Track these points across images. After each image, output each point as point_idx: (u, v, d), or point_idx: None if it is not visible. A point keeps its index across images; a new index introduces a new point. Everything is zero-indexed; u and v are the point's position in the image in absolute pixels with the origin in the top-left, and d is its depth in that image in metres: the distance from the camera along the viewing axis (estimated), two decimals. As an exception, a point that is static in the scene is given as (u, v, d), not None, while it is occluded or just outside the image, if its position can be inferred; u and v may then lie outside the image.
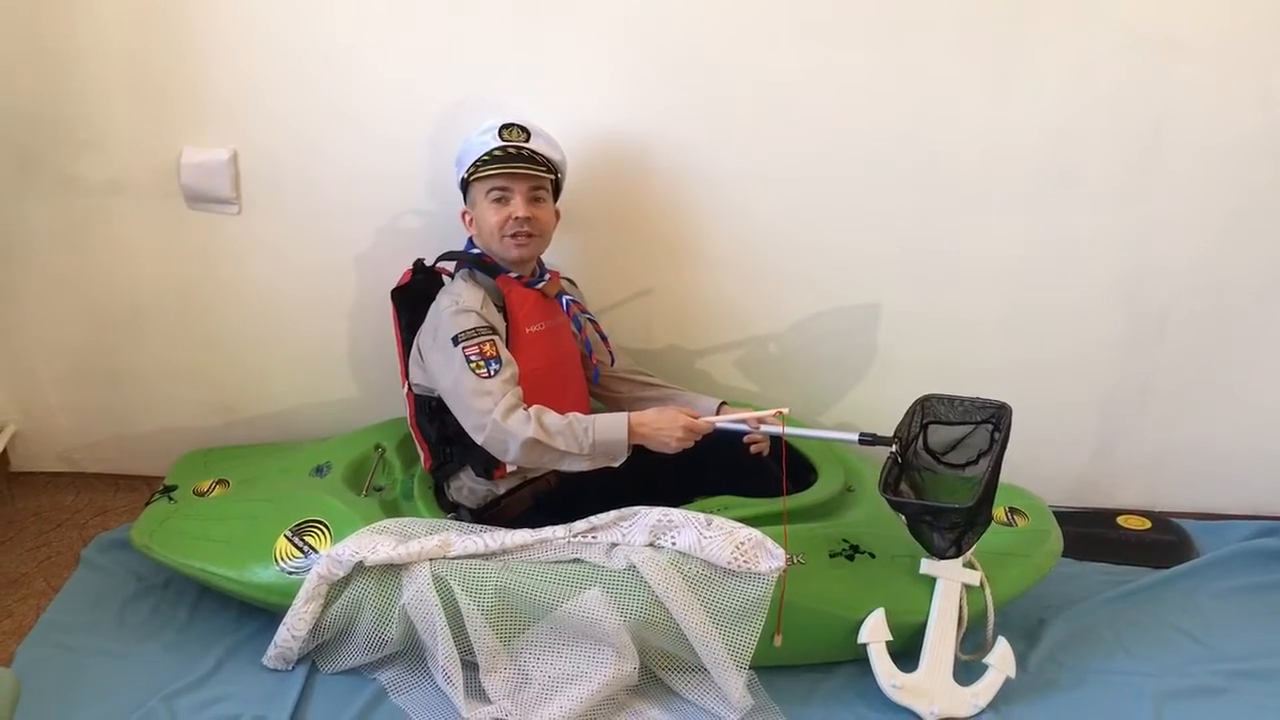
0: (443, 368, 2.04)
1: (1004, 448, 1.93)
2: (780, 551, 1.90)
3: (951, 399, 2.02)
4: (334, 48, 2.24)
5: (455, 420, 2.06)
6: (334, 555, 1.96)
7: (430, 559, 1.95)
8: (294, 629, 1.98)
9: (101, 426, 2.67)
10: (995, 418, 1.98)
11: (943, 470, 2.01)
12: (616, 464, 2.01)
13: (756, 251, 2.45)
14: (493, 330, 2.05)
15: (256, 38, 2.22)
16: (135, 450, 2.68)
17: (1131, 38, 2.23)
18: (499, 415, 1.96)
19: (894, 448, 1.98)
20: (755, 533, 1.92)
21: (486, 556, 1.96)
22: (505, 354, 2.04)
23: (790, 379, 2.60)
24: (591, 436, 1.97)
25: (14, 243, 2.42)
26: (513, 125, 2.08)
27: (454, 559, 1.95)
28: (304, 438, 2.59)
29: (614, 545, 1.97)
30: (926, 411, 2.03)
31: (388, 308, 2.21)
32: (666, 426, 1.98)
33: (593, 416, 2.00)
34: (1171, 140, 2.33)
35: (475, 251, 2.16)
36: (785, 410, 2.03)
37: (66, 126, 2.29)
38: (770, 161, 2.35)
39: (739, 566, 1.89)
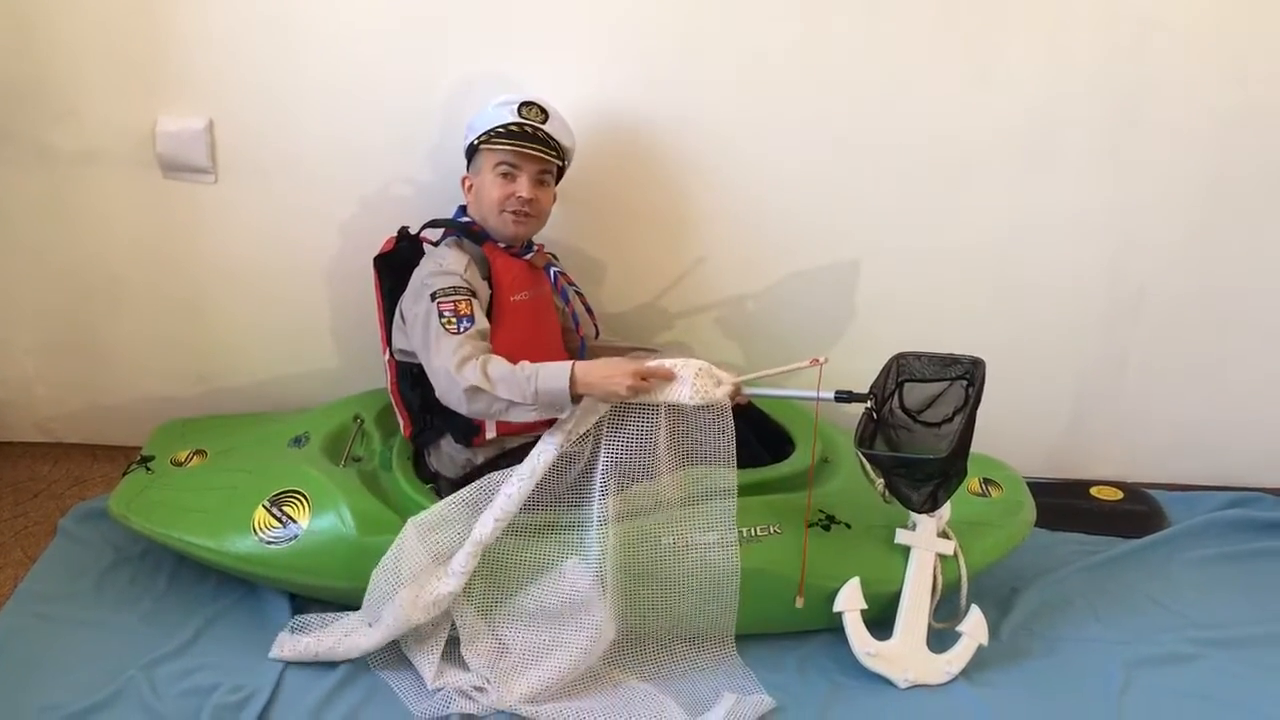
0: (421, 327, 2.02)
1: (978, 401, 1.92)
2: (727, 377, 1.91)
3: (925, 356, 2.01)
4: (313, 14, 2.22)
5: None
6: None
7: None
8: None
9: (78, 396, 2.65)
10: (969, 373, 1.98)
11: (918, 429, 2.01)
12: (563, 414, 1.95)
13: (736, 218, 2.45)
14: (472, 293, 2.04)
15: (234, 4, 2.20)
16: (113, 420, 2.67)
17: (1111, 18, 2.24)
18: (452, 366, 1.93)
19: (869, 404, 1.99)
20: (701, 362, 1.93)
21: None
22: (480, 316, 2.02)
23: (767, 345, 2.61)
24: (534, 385, 1.90)
25: (-12, 212, 2.40)
26: (533, 104, 2.07)
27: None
28: (282, 408, 2.58)
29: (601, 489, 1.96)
30: (901, 370, 2.03)
31: (367, 278, 2.21)
32: (614, 374, 1.90)
33: (537, 365, 1.93)
34: (1150, 120, 2.34)
35: (465, 220, 2.15)
36: (823, 360, 1.98)
37: (40, 96, 2.27)
38: (751, 136, 2.35)
39: (700, 400, 1.90)
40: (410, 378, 2.15)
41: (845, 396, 1.99)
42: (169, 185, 2.37)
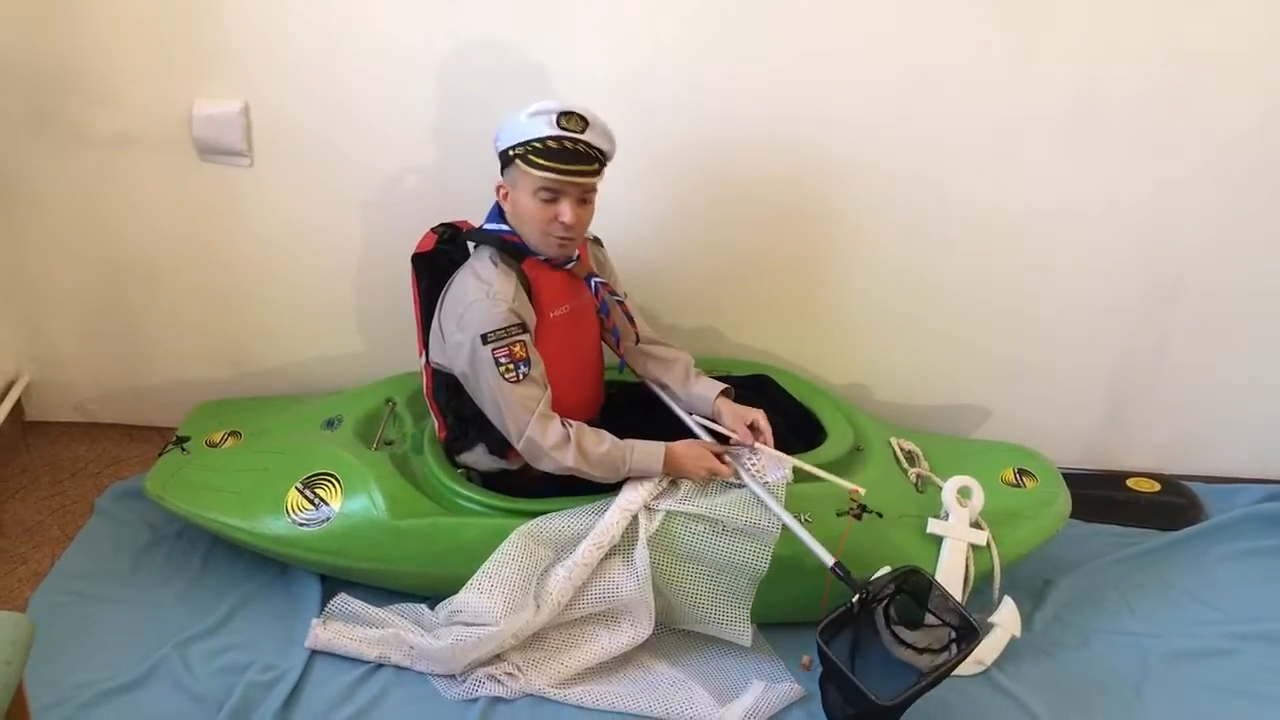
0: (468, 363, 1.97)
1: (952, 668, 1.83)
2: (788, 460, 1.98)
3: (936, 588, 1.90)
4: (346, -1, 2.23)
5: (474, 402, 2.03)
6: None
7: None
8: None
9: (115, 377, 2.68)
10: (964, 635, 1.85)
11: (887, 637, 1.96)
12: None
13: (769, 207, 2.43)
14: (523, 329, 1.97)
15: (269, -12, 2.22)
16: (148, 401, 2.70)
17: (1153, 5, 2.19)
18: (537, 434, 1.93)
19: (854, 600, 1.88)
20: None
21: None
22: (534, 354, 1.97)
23: (796, 329, 2.60)
24: (628, 465, 1.97)
25: (27, 195, 2.42)
26: (573, 114, 1.91)
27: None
28: (315, 391, 2.60)
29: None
30: (908, 582, 1.93)
31: (400, 263, 2.18)
32: (703, 464, 1.99)
33: (630, 445, 1.98)
34: (1194, 102, 2.30)
35: (504, 230, 2.03)
36: (860, 491, 2.00)
37: (78, 79, 2.29)
38: (790, 113, 2.33)
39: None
40: (447, 388, 2.09)
41: (841, 573, 1.90)
42: (205, 168, 2.38)
